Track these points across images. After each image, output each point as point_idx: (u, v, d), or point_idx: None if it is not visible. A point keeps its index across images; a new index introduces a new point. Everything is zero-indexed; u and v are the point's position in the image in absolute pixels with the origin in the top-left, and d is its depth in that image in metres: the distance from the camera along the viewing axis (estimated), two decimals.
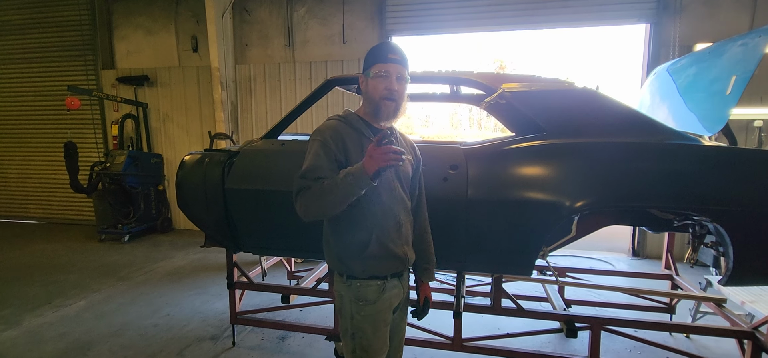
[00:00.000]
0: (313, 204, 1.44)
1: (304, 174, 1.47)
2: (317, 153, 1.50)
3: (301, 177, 1.48)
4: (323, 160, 1.48)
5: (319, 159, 1.49)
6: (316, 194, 1.43)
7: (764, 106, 4.88)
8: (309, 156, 1.51)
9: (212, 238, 2.78)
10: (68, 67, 7.19)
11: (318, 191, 1.43)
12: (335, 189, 1.39)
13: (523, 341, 3.06)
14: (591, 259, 5.48)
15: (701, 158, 1.94)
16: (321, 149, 1.50)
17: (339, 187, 1.38)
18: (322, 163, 1.48)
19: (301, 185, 1.47)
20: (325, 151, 1.50)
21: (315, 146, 1.52)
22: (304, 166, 1.49)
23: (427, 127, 30.39)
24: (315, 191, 1.43)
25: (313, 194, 1.44)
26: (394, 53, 1.53)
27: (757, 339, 2.29)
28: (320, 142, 1.51)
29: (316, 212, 1.47)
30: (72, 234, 6.80)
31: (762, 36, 2.06)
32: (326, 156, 1.49)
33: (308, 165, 1.48)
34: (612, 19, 5.38)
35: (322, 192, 1.42)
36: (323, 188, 1.42)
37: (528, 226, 2.06)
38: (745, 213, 1.83)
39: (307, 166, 1.48)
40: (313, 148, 1.52)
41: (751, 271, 1.92)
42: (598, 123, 2.13)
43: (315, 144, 1.53)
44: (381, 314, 1.58)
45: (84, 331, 3.40)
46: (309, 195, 1.44)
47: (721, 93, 2.14)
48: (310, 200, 1.44)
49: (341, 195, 1.39)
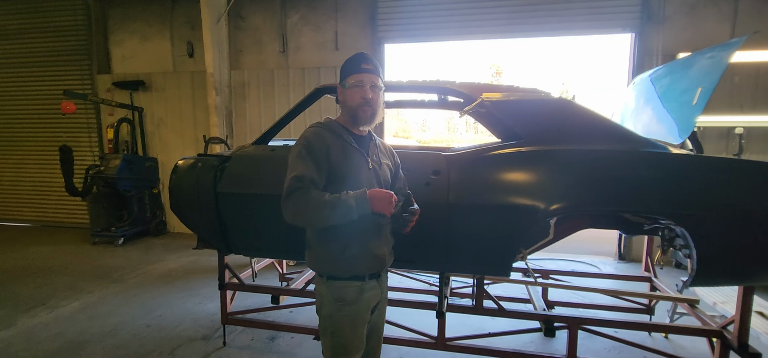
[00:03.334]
0: (309, 212, 1.52)
1: (300, 177, 1.53)
2: (307, 158, 1.57)
3: (296, 179, 1.53)
4: (312, 167, 1.56)
5: (310, 165, 1.56)
6: (313, 204, 1.51)
7: (744, 114, 5.03)
8: (298, 160, 1.57)
9: (204, 240, 2.86)
10: (64, 71, 7.25)
11: (317, 202, 1.51)
12: (331, 209, 1.50)
13: (507, 340, 3.15)
14: (578, 262, 5.60)
15: (667, 165, 2.05)
16: (309, 155, 1.58)
17: (338, 207, 1.50)
18: (313, 169, 1.56)
19: (296, 186, 1.53)
20: (313, 156, 1.58)
21: (303, 151, 1.59)
22: (297, 170, 1.55)
23: (424, 131, 30.58)
24: (313, 201, 1.51)
25: (310, 201, 1.51)
26: (367, 63, 1.64)
27: (725, 338, 2.40)
28: (308, 147, 1.59)
29: (307, 220, 1.56)
30: (66, 237, 6.84)
31: (727, 49, 2.19)
32: (315, 161, 1.57)
33: (302, 170, 1.55)
34: (598, 28, 5.53)
35: (322, 205, 1.50)
36: (324, 201, 1.50)
37: (505, 229, 2.16)
38: (707, 217, 1.94)
39: (302, 172, 1.54)
40: (302, 152, 1.59)
41: (713, 272, 2.02)
42: (573, 131, 2.24)
43: (302, 149, 1.60)
44: (359, 313, 1.67)
45: (78, 331, 3.46)
46: (305, 201, 1.51)
47: (688, 103, 2.26)
48: (304, 206, 1.51)
49: (338, 214, 1.50)
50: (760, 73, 5.04)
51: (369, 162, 1.71)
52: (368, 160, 1.71)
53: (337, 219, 1.52)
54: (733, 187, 1.96)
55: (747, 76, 5.08)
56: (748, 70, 5.05)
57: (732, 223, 1.94)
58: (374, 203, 1.52)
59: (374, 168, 1.72)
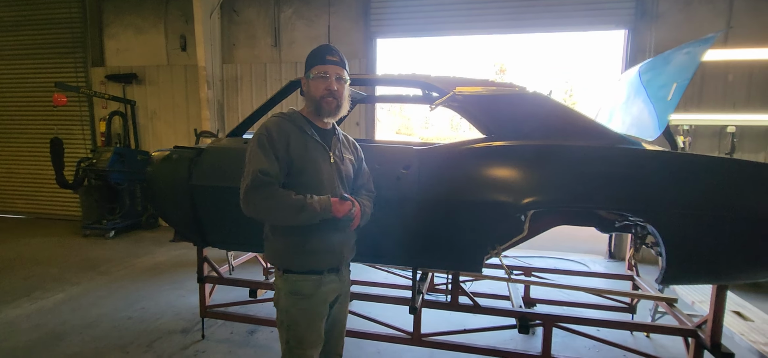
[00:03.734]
0: (273, 210, 1.54)
1: (265, 171, 1.51)
2: (268, 151, 1.55)
3: (262, 173, 1.51)
4: (274, 160, 1.54)
5: (272, 158, 1.54)
6: (279, 204, 1.52)
7: (738, 113, 4.97)
8: (260, 153, 1.54)
9: (181, 233, 2.85)
10: (58, 64, 7.26)
11: (283, 202, 1.51)
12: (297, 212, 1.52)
13: (486, 336, 3.13)
14: (569, 260, 5.56)
15: (637, 162, 2.02)
16: (271, 146, 1.55)
17: (303, 211, 1.52)
18: (275, 163, 1.54)
19: (262, 180, 1.50)
20: (274, 148, 1.55)
21: (265, 142, 1.56)
22: (261, 164, 1.52)
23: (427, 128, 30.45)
24: (279, 199, 1.52)
25: (276, 200, 1.51)
26: (332, 55, 1.62)
27: (700, 337, 2.38)
28: (269, 138, 1.57)
29: (269, 216, 1.58)
30: (57, 229, 6.87)
31: (701, 45, 2.15)
32: (276, 154, 1.55)
33: (265, 164, 1.52)
34: (592, 24, 5.48)
35: (288, 206, 1.52)
36: (291, 202, 1.51)
37: (474, 225, 2.14)
38: (675, 214, 1.91)
39: (266, 166, 1.52)
40: (264, 144, 1.56)
41: (683, 270, 1.99)
42: (545, 126, 2.21)
43: (263, 139, 1.57)
44: (316, 308, 1.65)
45: (59, 323, 3.47)
46: (271, 198, 1.51)
47: (664, 99, 2.22)
48: (270, 203, 1.52)
49: (303, 218, 1.54)
50: (753, 72, 4.97)
51: (331, 156, 1.69)
52: (330, 154, 1.69)
53: (301, 221, 1.55)
54: (702, 185, 1.92)
55: (741, 75, 5.02)
56: (742, 68, 4.99)
57: (702, 221, 1.91)
58: (338, 213, 1.59)
59: (336, 162, 1.70)
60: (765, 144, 4.98)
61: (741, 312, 2.65)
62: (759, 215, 1.87)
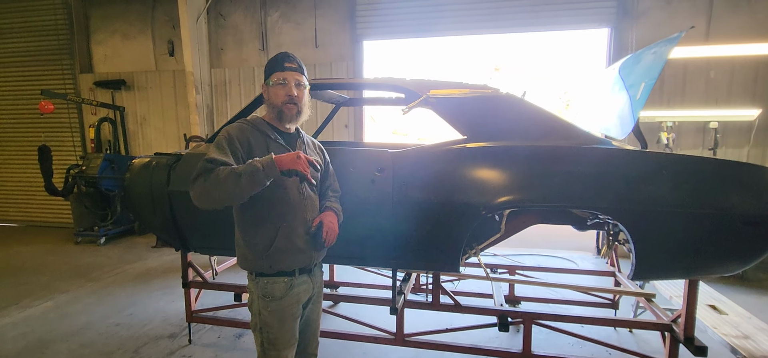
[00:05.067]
0: (215, 188, 1.46)
1: (211, 159, 1.50)
2: (224, 147, 1.57)
3: (208, 161, 1.50)
4: (229, 155, 1.55)
5: (226, 153, 1.55)
6: (219, 178, 1.45)
7: (719, 109, 5.03)
8: (214, 148, 1.56)
9: (162, 238, 2.87)
10: (46, 71, 7.25)
11: (218, 176, 1.45)
12: (238, 176, 1.44)
13: (469, 335, 3.16)
14: (557, 258, 5.61)
15: (605, 161, 2.06)
16: (228, 145, 1.58)
17: (242, 174, 1.44)
18: (230, 157, 1.54)
19: (206, 167, 1.49)
20: (231, 147, 1.58)
21: (223, 141, 1.59)
22: (210, 154, 1.52)
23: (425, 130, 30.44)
24: (214, 176, 1.46)
25: (217, 176, 1.45)
26: (290, 62, 1.65)
27: (674, 331, 2.42)
28: (228, 139, 1.60)
29: (214, 197, 1.48)
30: (49, 237, 6.86)
31: (667, 44, 2.19)
32: (233, 151, 1.57)
33: (215, 155, 1.52)
34: (576, 23, 5.53)
35: (227, 175, 1.44)
36: (229, 171, 1.45)
37: (449, 225, 2.17)
38: (643, 212, 1.95)
39: (215, 156, 1.52)
40: (221, 142, 1.58)
41: (653, 266, 2.03)
42: (518, 128, 2.25)
43: (221, 139, 1.60)
44: (288, 309, 1.68)
45: (46, 330, 3.48)
46: (213, 177, 1.46)
47: (633, 97, 2.26)
48: (208, 184, 1.46)
49: (246, 180, 1.44)
50: (735, 68, 5.04)
51: None
52: None
53: (246, 185, 1.45)
54: (668, 182, 1.96)
55: (722, 72, 5.08)
56: (724, 64, 5.05)
57: (669, 217, 1.95)
58: (282, 163, 1.48)
59: None
60: (747, 139, 5.05)
61: (716, 306, 2.70)
62: (724, 211, 1.91)
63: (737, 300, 3.09)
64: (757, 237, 1.93)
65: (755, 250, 1.97)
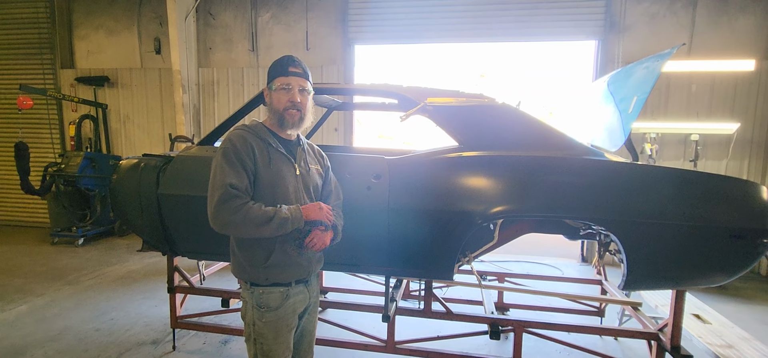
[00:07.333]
0: (245, 224, 1.49)
1: (235, 186, 1.49)
2: (236, 164, 1.53)
3: (233, 187, 1.49)
4: (243, 173, 1.53)
5: (240, 172, 1.53)
6: (251, 218, 1.48)
7: (700, 122, 5.18)
8: (228, 167, 1.52)
9: (149, 242, 2.79)
10: (25, 65, 7.01)
11: (248, 214, 1.48)
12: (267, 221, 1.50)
13: (460, 343, 3.16)
14: (543, 265, 5.68)
15: (598, 173, 2.09)
16: (238, 160, 1.54)
17: (272, 221, 1.50)
18: (244, 177, 1.53)
19: (233, 194, 1.48)
20: (241, 162, 1.54)
21: (232, 156, 1.54)
22: (230, 178, 1.50)
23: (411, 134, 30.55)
24: (251, 213, 1.48)
25: (249, 214, 1.48)
26: (295, 66, 1.61)
27: (661, 340, 2.47)
28: (235, 152, 1.55)
29: (240, 230, 1.52)
30: (24, 237, 6.61)
31: (659, 60, 2.25)
32: (244, 167, 1.54)
33: (235, 179, 1.50)
34: (564, 35, 5.64)
35: (254, 217, 1.48)
36: (255, 213, 1.48)
37: (443, 233, 2.17)
38: (635, 223, 1.99)
39: (236, 181, 1.50)
40: (231, 158, 1.54)
41: (643, 276, 2.07)
42: (513, 137, 2.27)
43: (229, 153, 1.55)
44: (283, 320, 1.64)
45: (20, 336, 3.33)
46: (243, 212, 1.48)
47: (625, 111, 2.31)
48: (237, 216, 1.48)
49: (274, 227, 1.51)
50: (715, 82, 5.21)
51: (296, 168, 1.68)
52: (296, 166, 1.68)
53: (273, 232, 1.52)
54: (660, 195, 2.01)
55: (703, 86, 5.24)
56: (705, 79, 5.22)
57: (660, 229, 1.99)
58: (309, 215, 1.60)
59: (302, 174, 1.70)
60: (726, 152, 5.21)
61: (700, 315, 2.77)
62: (713, 224, 1.96)
63: (718, 309, 3.18)
64: (743, 250, 1.99)
65: (741, 262, 2.02)
